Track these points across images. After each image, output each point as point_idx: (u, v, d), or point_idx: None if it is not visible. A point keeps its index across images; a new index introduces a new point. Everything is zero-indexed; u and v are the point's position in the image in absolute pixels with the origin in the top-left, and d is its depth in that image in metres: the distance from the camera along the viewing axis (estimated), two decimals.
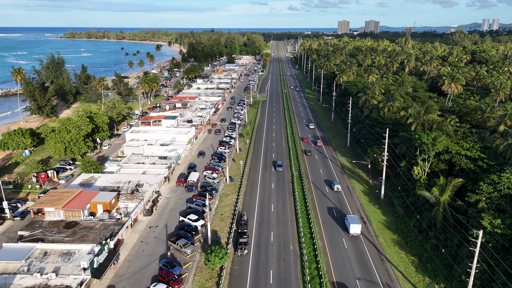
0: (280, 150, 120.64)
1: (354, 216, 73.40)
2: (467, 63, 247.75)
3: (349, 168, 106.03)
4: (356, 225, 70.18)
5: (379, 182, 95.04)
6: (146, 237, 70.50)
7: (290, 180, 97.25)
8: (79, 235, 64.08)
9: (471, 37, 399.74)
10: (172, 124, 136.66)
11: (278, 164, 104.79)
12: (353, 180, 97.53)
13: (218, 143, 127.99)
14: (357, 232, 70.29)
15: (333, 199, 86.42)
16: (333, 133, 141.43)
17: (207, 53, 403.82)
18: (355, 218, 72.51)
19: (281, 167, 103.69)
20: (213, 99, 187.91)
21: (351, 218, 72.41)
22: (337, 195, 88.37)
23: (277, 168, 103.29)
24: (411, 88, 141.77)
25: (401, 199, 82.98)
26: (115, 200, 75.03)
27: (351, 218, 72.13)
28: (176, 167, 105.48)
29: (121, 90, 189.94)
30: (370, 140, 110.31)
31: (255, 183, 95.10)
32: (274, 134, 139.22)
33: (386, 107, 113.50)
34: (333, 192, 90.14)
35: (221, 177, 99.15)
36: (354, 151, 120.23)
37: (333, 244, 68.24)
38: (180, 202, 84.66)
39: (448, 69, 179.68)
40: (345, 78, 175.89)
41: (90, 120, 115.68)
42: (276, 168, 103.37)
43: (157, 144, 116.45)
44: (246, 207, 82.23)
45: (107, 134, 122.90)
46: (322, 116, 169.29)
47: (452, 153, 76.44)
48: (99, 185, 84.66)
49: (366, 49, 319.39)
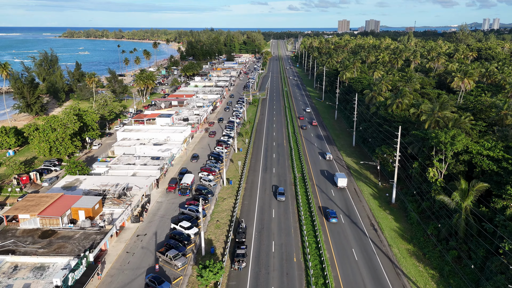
0: (281, 150, 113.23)
1: (341, 173, 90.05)
2: (473, 60, 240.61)
3: (355, 169, 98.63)
4: (342, 179, 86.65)
5: (389, 185, 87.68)
6: (133, 247, 63.13)
7: (292, 182, 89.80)
8: (56, 246, 56.69)
9: (475, 35, 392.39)
10: (167, 122, 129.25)
11: (280, 192, 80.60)
12: (360, 182, 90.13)
13: (215, 143, 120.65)
14: (343, 185, 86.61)
15: (340, 202, 79.05)
16: (337, 132, 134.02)
17: (206, 51, 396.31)
18: (342, 174, 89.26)
19: (283, 195, 79.90)
20: (211, 97, 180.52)
21: (339, 174, 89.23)
22: (344, 200, 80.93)
23: (278, 197, 79.51)
24: (419, 85, 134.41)
25: (415, 203, 75.63)
26: (99, 206, 67.64)
27: (339, 174, 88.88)
28: (170, 168, 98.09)
29: (116, 87, 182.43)
30: (378, 139, 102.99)
31: (254, 186, 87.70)
32: (275, 133, 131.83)
33: (395, 104, 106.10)
34: (339, 192, 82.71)
35: (218, 179, 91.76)
36: (360, 151, 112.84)
37: (342, 255, 60.86)
38: (172, 207, 77.28)
39: (456, 65, 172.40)
40: (348, 75, 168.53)
41: (78, 118, 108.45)
42: (277, 196, 79.64)
43: (150, 144, 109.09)
44: (244, 213, 74.84)
45: (97, 133, 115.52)
46: (325, 114, 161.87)
47: (472, 153, 69.06)
48: (84, 188, 77.27)
49: (369, 47, 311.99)
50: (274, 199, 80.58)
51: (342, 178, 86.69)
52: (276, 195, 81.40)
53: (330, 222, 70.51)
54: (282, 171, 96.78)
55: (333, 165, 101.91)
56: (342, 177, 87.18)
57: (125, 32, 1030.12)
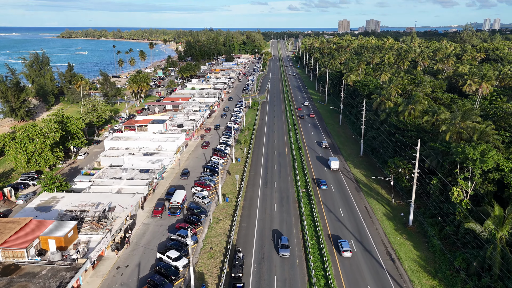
0: (282, 160, 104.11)
1: (334, 157, 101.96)
2: (480, 61, 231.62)
3: (365, 183, 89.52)
4: (335, 162, 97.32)
5: (403, 202, 78.62)
6: (111, 283, 54.00)
7: (295, 199, 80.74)
8: (16, 287, 47.56)
9: (480, 35, 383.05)
10: (159, 129, 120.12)
11: (283, 245, 60.94)
12: (371, 199, 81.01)
13: (211, 151, 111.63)
14: (336, 168, 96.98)
15: (350, 225, 69.98)
16: (342, 139, 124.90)
17: (204, 51, 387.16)
18: (335, 158, 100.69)
19: (287, 250, 60.24)
20: (208, 100, 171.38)
21: (332, 158, 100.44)
22: (355, 222, 71.79)
23: (280, 251, 59.97)
24: (429, 89, 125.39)
25: (436, 226, 66.57)
26: (74, 232, 58.53)
27: (332, 158, 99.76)
28: (161, 182, 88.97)
29: (108, 90, 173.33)
30: (389, 149, 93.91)
31: (253, 204, 78.57)
32: (276, 141, 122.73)
33: (407, 110, 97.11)
34: (350, 214, 73.68)
35: (213, 196, 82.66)
36: (369, 161, 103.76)
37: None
38: (160, 230, 68.18)
39: (467, 68, 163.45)
40: (353, 78, 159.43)
41: (61, 126, 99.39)
42: (280, 251, 60.08)
43: (140, 154, 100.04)
44: (242, 238, 65.74)
45: (83, 141, 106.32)
46: (328, 119, 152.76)
47: (504, 171, 60.09)
48: (60, 209, 68.12)
49: (372, 47, 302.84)
50: (276, 220, 71.50)
51: (335, 161, 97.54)
52: (278, 248, 61.36)
53: (341, 253, 61.01)
54: (284, 185, 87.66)
55: (340, 177, 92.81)
56: (335, 160, 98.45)
57: (124, 32, 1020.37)
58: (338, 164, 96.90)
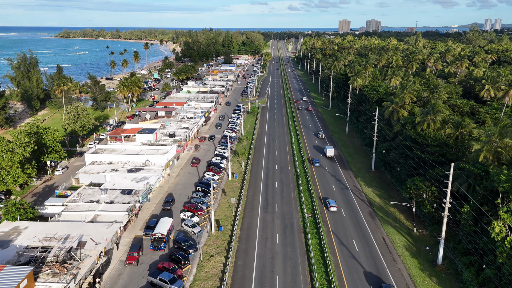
0: (285, 176, 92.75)
1: (330, 146, 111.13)
2: (491, 63, 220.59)
3: (380, 205, 78.19)
4: (330, 149, 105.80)
5: (427, 232, 67.32)
6: None
7: (301, 227, 69.40)
8: None
9: (487, 36, 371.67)
10: (149, 139, 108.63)
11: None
12: (389, 227, 69.67)
13: (205, 165, 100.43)
14: (331, 155, 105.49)
15: (367, 264, 58.63)
16: (350, 151, 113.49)
17: (202, 52, 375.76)
18: (330, 146, 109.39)
19: None
20: (204, 105, 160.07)
21: (328, 146, 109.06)
22: (373, 259, 60.37)
23: None
24: (446, 95, 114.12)
25: (472, 267, 55.24)
26: (30, 281, 47.22)
27: (328, 147, 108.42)
28: (146, 205, 77.59)
29: (97, 94, 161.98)
30: (406, 166, 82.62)
31: (252, 234, 67.22)
32: (277, 152, 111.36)
33: (426, 121, 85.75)
34: (367, 248, 62.38)
35: (205, 222, 71.37)
36: (382, 178, 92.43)
37: None
38: (139, 271, 56.83)
39: (482, 71, 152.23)
40: (360, 82, 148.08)
41: (37, 137, 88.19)
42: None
43: (124, 170, 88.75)
44: (237, 283, 54.37)
45: (62, 154, 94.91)
46: (333, 127, 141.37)
47: None
48: (20, 244, 56.89)
49: (376, 48, 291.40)
50: (278, 256, 60.18)
51: (330, 149, 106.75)
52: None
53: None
54: (287, 208, 76.27)
55: (350, 197, 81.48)
56: (330, 148, 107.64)
57: (122, 32, 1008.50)
58: (333, 151, 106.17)
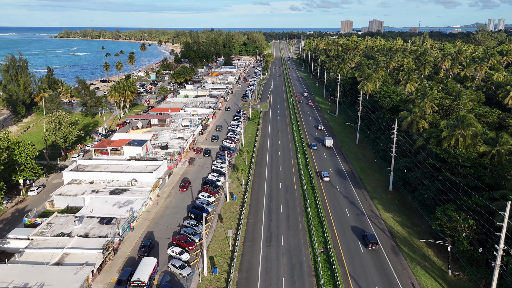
0: (291, 198, 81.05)
1: (329, 137, 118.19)
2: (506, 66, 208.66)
3: (403, 237, 66.40)
4: (329, 140, 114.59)
5: (465, 276, 55.55)
6: None
7: (312, 269, 57.60)
8: None
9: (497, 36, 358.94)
10: (138, 152, 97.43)
11: None
12: (417, 268, 57.89)
13: (200, 182, 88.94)
14: (330, 145, 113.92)
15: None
16: (363, 165, 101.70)
17: (202, 53, 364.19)
18: (329, 137, 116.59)
19: None
20: (202, 111, 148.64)
21: (327, 137, 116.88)
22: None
23: None
24: (470, 103, 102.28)
25: None
26: None
27: (327, 137, 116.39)
28: (128, 235, 66.06)
29: (86, 100, 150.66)
30: (432, 189, 70.84)
31: (252, 277, 55.53)
32: (281, 167, 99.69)
33: (454, 137, 74.03)
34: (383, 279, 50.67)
35: (197, 260, 59.78)
36: (402, 200, 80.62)
37: None
38: None
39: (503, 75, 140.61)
40: (371, 87, 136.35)
41: (8, 153, 76.89)
42: None
43: (106, 191, 77.29)
44: None
45: (38, 171, 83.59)
46: (342, 136, 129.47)
47: None
48: None
49: (382, 49, 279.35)
50: None
51: (329, 140, 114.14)
52: None
53: None
54: (295, 242, 64.56)
55: (368, 226, 69.78)
56: (329, 139, 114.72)
57: (123, 33, 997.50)
58: (332, 141, 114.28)
